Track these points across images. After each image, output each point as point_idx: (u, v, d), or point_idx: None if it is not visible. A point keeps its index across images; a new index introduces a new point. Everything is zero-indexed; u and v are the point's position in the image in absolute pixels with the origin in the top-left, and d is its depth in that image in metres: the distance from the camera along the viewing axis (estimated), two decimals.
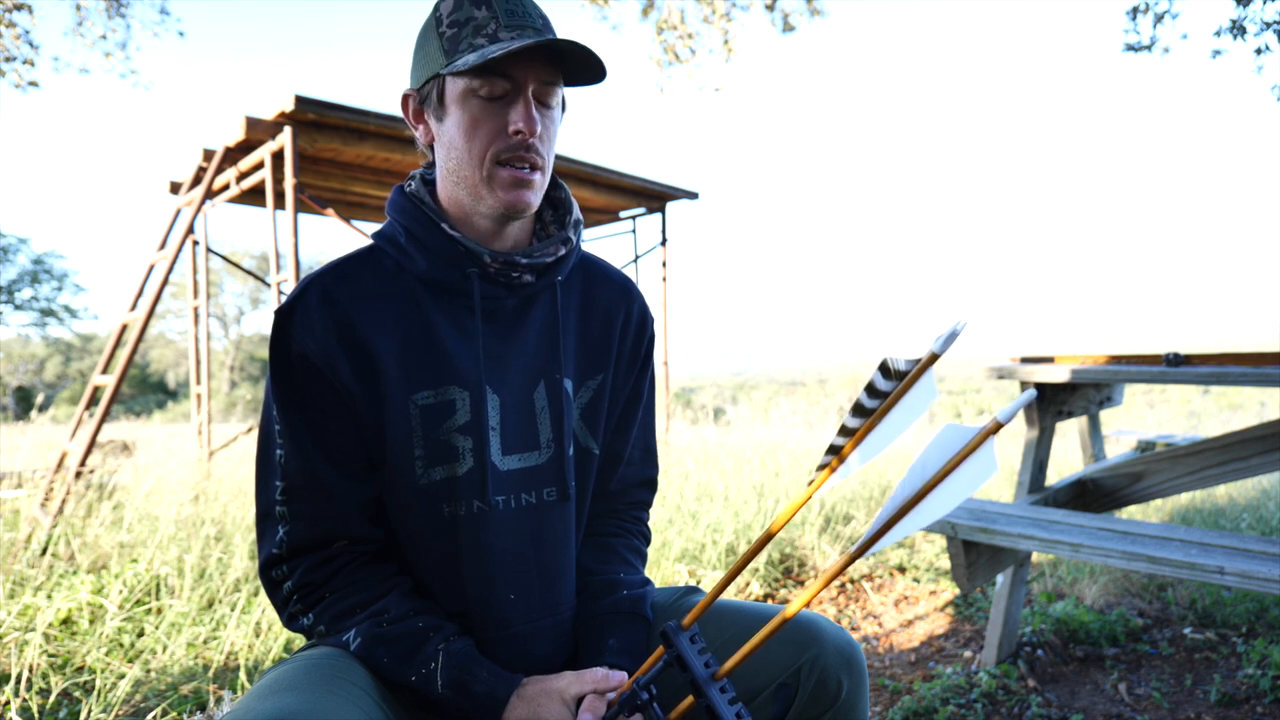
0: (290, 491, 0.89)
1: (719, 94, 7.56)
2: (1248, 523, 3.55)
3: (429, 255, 0.91)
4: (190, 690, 2.04)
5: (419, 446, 0.89)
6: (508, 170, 0.88)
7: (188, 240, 4.94)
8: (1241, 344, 45.25)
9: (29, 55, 6.53)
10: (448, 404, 0.90)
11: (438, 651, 0.84)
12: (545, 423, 0.96)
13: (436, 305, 0.92)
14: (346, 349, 0.88)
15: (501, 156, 0.88)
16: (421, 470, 0.89)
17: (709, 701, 0.70)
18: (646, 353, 1.08)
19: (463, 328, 0.92)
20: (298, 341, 0.87)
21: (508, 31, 0.85)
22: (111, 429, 8.41)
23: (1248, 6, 4.78)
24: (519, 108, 0.87)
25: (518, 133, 0.87)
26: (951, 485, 0.60)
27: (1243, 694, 2.05)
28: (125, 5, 7.04)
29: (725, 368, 70.21)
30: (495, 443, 0.92)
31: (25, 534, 3.15)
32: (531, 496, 0.94)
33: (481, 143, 0.88)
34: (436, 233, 0.91)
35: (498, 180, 0.88)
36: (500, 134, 0.87)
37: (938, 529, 2.07)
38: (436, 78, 0.89)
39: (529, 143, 0.87)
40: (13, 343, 29.97)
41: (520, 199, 0.89)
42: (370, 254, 0.95)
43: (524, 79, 0.87)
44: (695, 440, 6.06)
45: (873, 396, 0.64)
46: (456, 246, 0.91)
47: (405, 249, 0.93)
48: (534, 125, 0.87)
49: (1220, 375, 2.05)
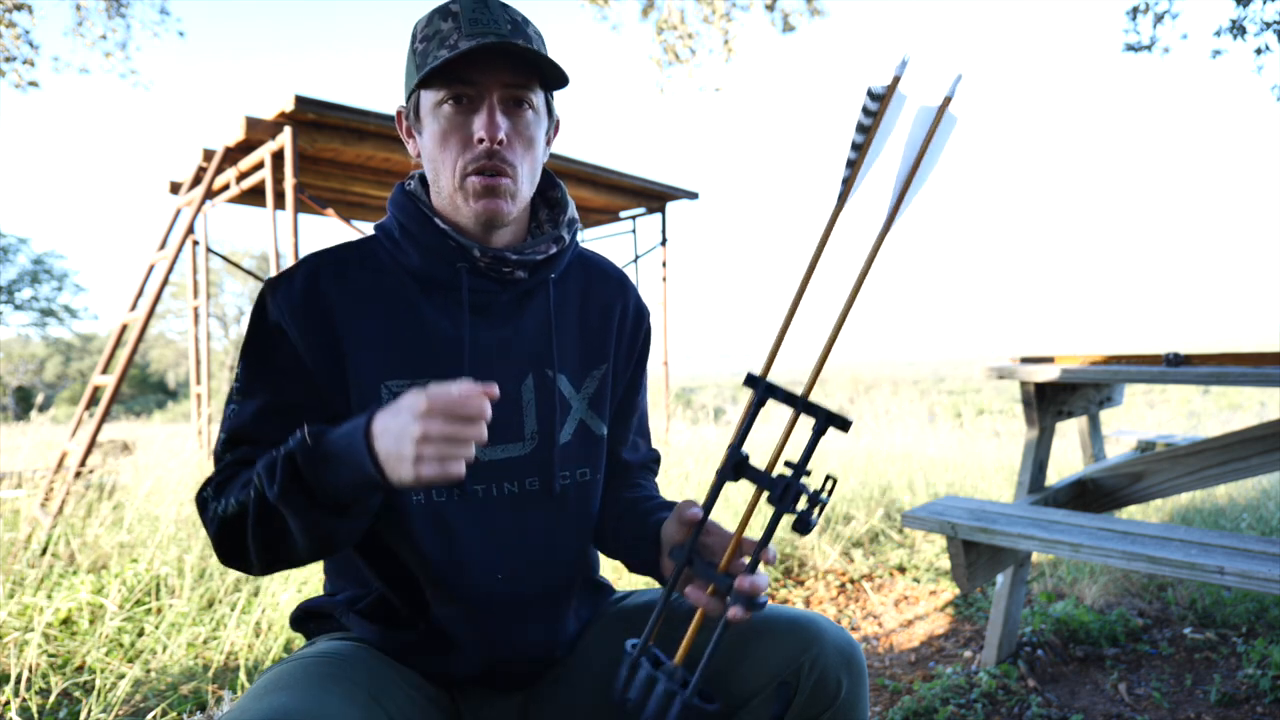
0: (231, 441, 0.90)
1: (719, 94, 7.56)
2: (1248, 523, 3.55)
3: (421, 250, 0.93)
4: (190, 690, 2.04)
5: None
6: (477, 179, 0.89)
7: (188, 240, 4.95)
8: (1241, 344, 45.26)
9: (29, 55, 6.54)
10: None
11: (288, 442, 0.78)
12: (530, 416, 0.96)
13: (427, 299, 0.94)
14: (321, 329, 0.89)
15: (469, 167, 0.89)
16: None
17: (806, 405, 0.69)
18: (644, 344, 1.11)
19: (450, 321, 0.93)
20: (274, 311, 0.89)
21: (468, 40, 0.86)
22: (111, 429, 8.42)
23: (1248, 6, 4.79)
24: (482, 115, 0.88)
25: (480, 140, 0.88)
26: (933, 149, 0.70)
27: (1243, 694, 2.05)
28: (125, 5, 7.05)
29: (725, 368, 70.19)
30: None
31: (25, 534, 3.15)
32: (514, 486, 0.95)
33: (452, 153, 0.89)
34: (429, 228, 0.93)
35: (468, 190, 0.90)
36: (467, 143, 0.89)
37: (937, 529, 2.07)
38: (414, 93, 0.92)
39: (494, 150, 0.88)
40: (13, 343, 29.99)
41: (491, 207, 0.90)
42: (368, 244, 0.97)
43: (487, 85, 0.88)
44: (695, 440, 6.06)
45: (867, 116, 0.71)
46: (448, 241, 0.92)
47: (399, 243, 0.94)
48: (495, 131, 0.87)
49: (1220, 375, 2.05)
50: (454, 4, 0.89)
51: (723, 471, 0.73)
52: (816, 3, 7.03)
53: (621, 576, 2.96)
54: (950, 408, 10.00)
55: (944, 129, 0.70)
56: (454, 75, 0.87)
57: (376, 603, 0.96)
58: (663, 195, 6.38)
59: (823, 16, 7.10)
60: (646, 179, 6.04)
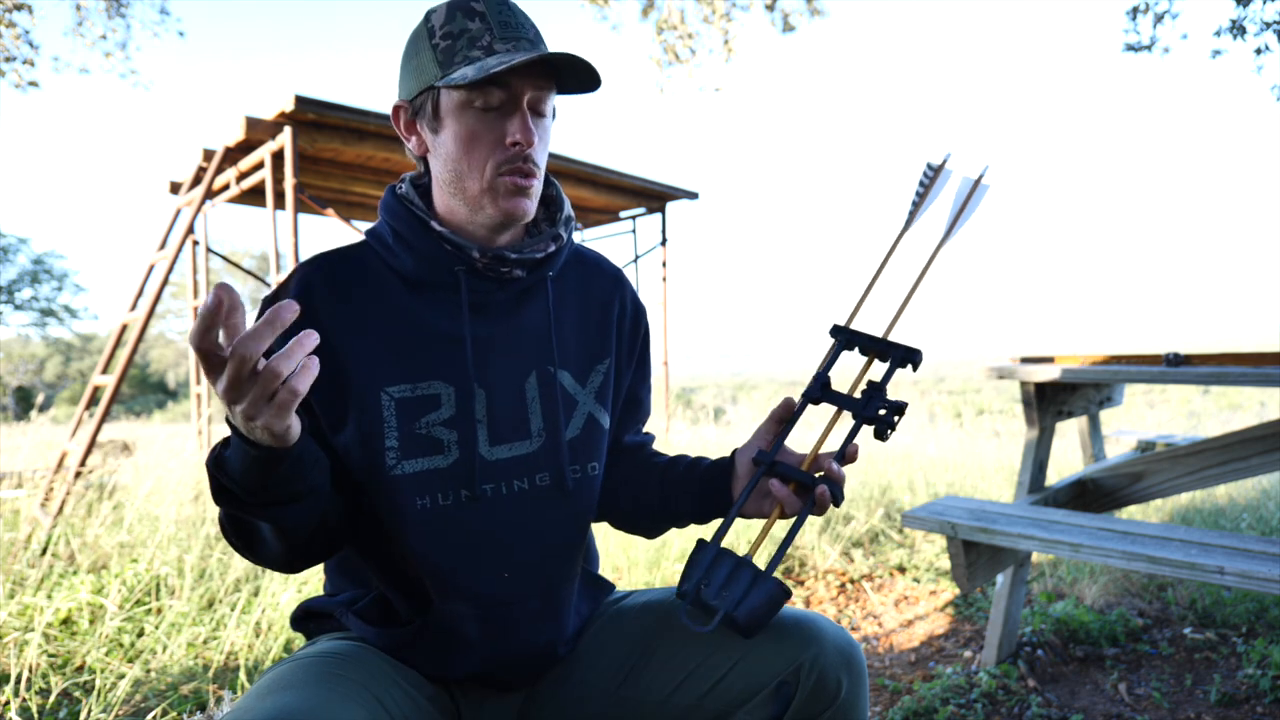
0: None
1: (719, 94, 7.56)
2: (1248, 523, 3.55)
3: (415, 255, 0.93)
4: (190, 690, 2.04)
5: (391, 438, 0.90)
6: (509, 179, 0.90)
7: (188, 240, 4.95)
8: (1241, 344, 45.23)
9: (29, 55, 6.54)
10: (429, 399, 0.91)
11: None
12: (536, 412, 0.97)
13: (424, 302, 0.93)
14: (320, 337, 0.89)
15: (501, 168, 0.89)
16: (394, 461, 0.90)
17: (885, 341, 0.90)
18: (644, 339, 1.12)
19: (450, 323, 0.93)
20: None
21: (503, 43, 0.87)
22: (111, 429, 8.41)
23: (1248, 6, 4.78)
24: (516, 120, 0.88)
25: (515, 144, 0.88)
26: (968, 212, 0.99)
27: (1243, 694, 2.05)
28: (125, 5, 7.05)
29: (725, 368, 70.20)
30: (483, 435, 0.93)
31: (25, 534, 3.15)
32: (524, 483, 0.95)
33: (481, 154, 0.89)
34: (424, 234, 0.93)
35: (499, 190, 0.90)
36: (499, 145, 0.89)
37: (937, 529, 2.07)
38: (430, 89, 0.90)
39: (526, 153, 0.89)
40: (13, 343, 29.99)
41: (519, 207, 0.91)
42: (360, 249, 0.97)
43: (520, 90, 0.88)
44: (695, 440, 6.06)
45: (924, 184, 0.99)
46: (444, 245, 0.92)
47: (392, 248, 0.94)
48: (531, 136, 0.88)
49: (1220, 375, 2.05)
50: (476, 2, 0.88)
51: (809, 392, 0.90)
52: (816, 3, 7.03)
53: (622, 576, 2.96)
54: (950, 408, 10.00)
55: (978, 196, 0.99)
56: (493, 79, 0.87)
57: (377, 602, 0.96)
58: (663, 195, 6.38)
59: (823, 16, 7.10)
60: (646, 179, 6.04)
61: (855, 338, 0.91)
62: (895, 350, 0.88)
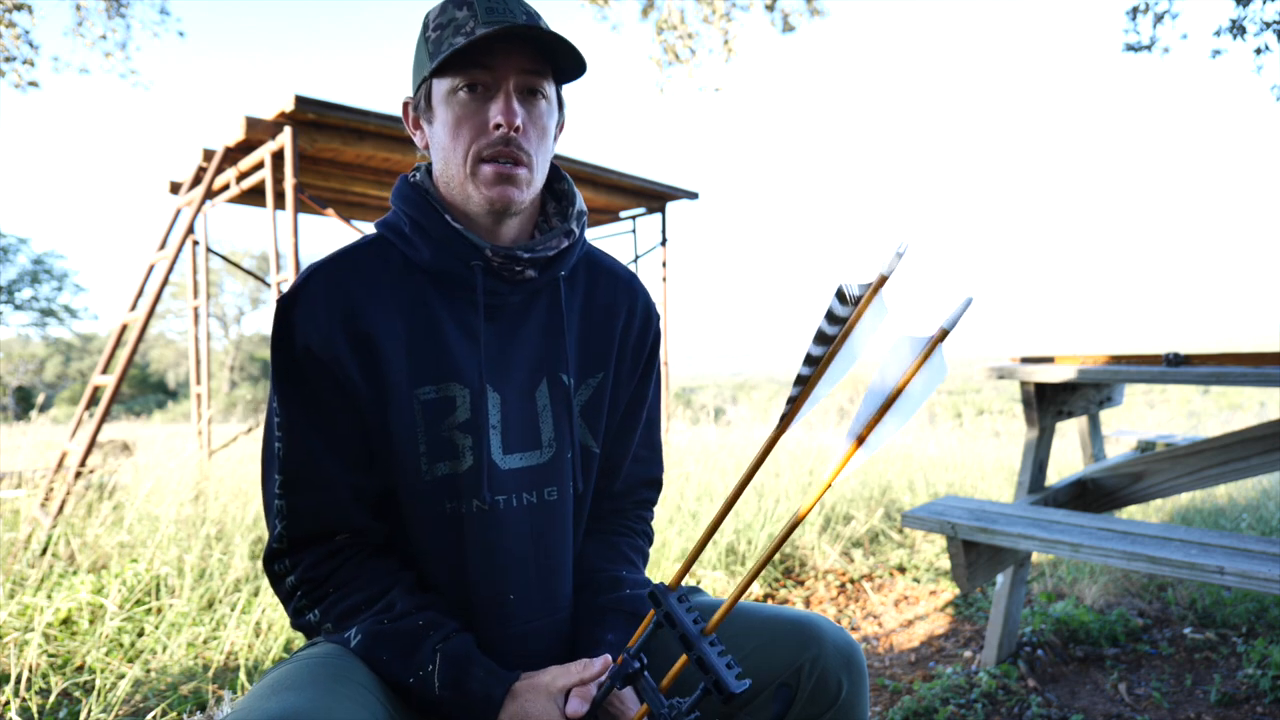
0: (288, 485, 0.88)
1: (719, 94, 7.56)
2: (1248, 523, 3.55)
3: (433, 245, 0.91)
4: (190, 690, 2.04)
5: (422, 442, 0.89)
6: (491, 166, 0.88)
7: (188, 240, 4.94)
8: (1241, 344, 45.23)
9: (29, 55, 6.53)
10: (448, 400, 0.90)
11: (435, 651, 0.84)
12: (548, 421, 0.95)
13: (441, 299, 0.92)
14: (351, 341, 0.87)
15: (484, 153, 0.87)
16: (426, 466, 0.89)
17: (700, 654, 0.68)
18: (651, 351, 1.07)
19: (466, 324, 0.92)
20: (301, 333, 0.86)
21: (485, 27, 0.84)
22: (111, 429, 8.41)
23: (1248, 6, 4.78)
24: (499, 102, 0.87)
25: (498, 126, 0.86)
26: (911, 393, 0.61)
27: (1243, 694, 2.05)
28: (125, 5, 7.04)
29: (725, 368, 70.18)
30: (496, 441, 0.92)
31: (25, 534, 3.15)
32: (533, 496, 0.94)
33: (465, 140, 0.88)
34: (440, 223, 0.91)
35: (481, 177, 0.88)
36: (482, 130, 0.87)
37: (937, 529, 2.07)
38: (425, 82, 0.90)
39: (510, 137, 0.87)
40: (13, 343, 29.97)
41: (504, 195, 0.88)
42: (376, 244, 0.94)
43: (504, 73, 0.87)
44: (695, 440, 6.06)
45: (832, 323, 0.65)
46: (460, 237, 0.90)
47: (410, 238, 0.92)
48: (513, 117, 0.86)
49: (1220, 375, 2.05)
50: None
51: (619, 671, 0.76)
52: (816, 3, 7.02)
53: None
54: (950, 408, 10.00)
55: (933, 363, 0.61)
56: (470, 61, 0.85)
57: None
58: (663, 195, 6.38)
59: (823, 16, 7.10)
60: (646, 179, 6.04)
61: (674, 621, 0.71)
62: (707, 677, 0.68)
